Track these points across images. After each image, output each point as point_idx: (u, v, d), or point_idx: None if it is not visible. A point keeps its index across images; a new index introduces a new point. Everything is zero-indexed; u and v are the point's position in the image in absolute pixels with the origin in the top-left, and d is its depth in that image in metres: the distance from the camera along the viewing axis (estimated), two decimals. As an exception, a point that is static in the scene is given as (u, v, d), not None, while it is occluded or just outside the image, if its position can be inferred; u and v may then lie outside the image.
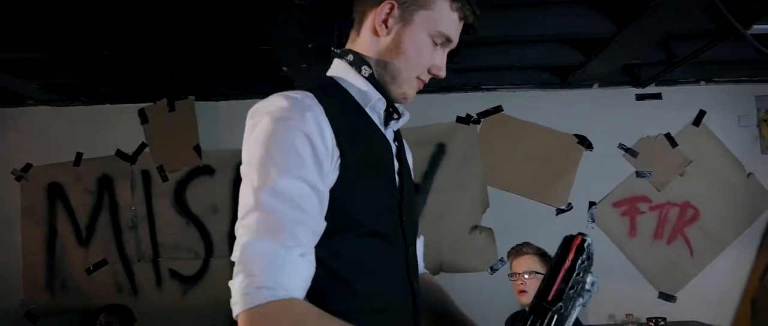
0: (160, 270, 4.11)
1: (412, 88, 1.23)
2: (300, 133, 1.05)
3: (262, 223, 0.99)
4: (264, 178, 1.02)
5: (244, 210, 1.02)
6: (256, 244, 0.98)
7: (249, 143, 1.09)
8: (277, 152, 1.04)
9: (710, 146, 4.17)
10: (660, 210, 4.16)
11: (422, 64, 1.21)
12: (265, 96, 4.06)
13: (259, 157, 1.05)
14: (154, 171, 4.16)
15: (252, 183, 1.03)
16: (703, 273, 4.11)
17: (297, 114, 1.07)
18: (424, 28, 1.20)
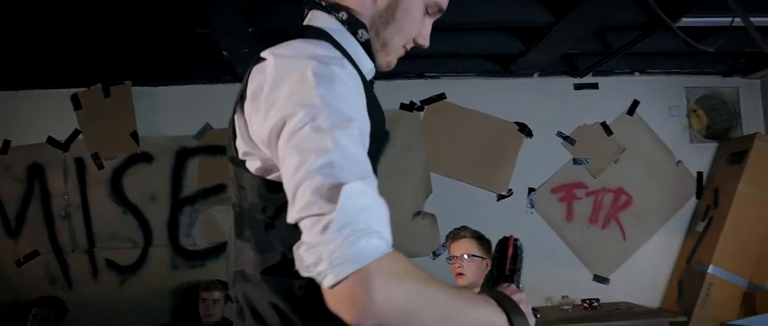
0: (96, 261, 3.98)
1: (396, 56, 1.17)
2: (353, 75, 0.93)
3: (348, 167, 0.82)
4: (335, 120, 0.85)
5: (318, 154, 0.82)
6: (351, 193, 0.78)
7: (289, 84, 0.89)
8: (342, 92, 0.88)
9: (643, 135, 4.34)
10: (595, 196, 4.31)
11: (412, 33, 1.15)
12: (205, 81, 3.96)
13: (319, 98, 0.86)
14: (89, 159, 4.01)
15: (319, 124, 0.84)
16: (634, 257, 4.29)
17: (332, 52, 0.95)
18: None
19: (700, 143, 4.37)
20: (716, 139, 4.38)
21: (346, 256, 0.76)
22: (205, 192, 4.05)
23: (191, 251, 4.05)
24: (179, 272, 4.02)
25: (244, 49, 3.31)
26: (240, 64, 3.65)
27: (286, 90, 0.88)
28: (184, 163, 4.07)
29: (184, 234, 4.05)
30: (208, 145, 4.09)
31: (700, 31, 3.46)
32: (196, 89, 4.09)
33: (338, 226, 0.77)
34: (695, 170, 4.35)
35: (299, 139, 0.84)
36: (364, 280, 0.76)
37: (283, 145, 0.86)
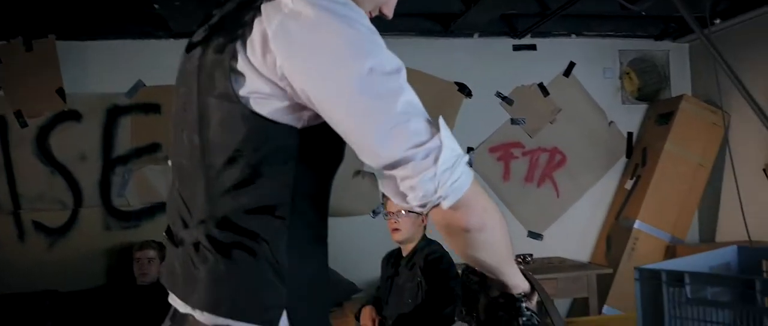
0: (23, 223, 3.82)
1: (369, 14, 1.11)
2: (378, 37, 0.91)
3: (419, 104, 0.90)
4: (393, 65, 0.89)
5: (397, 97, 0.88)
6: (443, 124, 0.90)
7: (336, 33, 0.88)
8: (378, 38, 0.90)
9: (578, 96, 4.46)
10: (531, 155, 4.43)
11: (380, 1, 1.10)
12: (136, 37, 3.78)
13: (373, 45, 0.89)
14: (11, 116, 3.80)
15: (385, 69, 0.88)
16: (567, 213, 4.46)
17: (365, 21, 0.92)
18: None
19: (632, 104, 4.53)
20: (646, 101, 4.54)
21: (461, 181, 0.90)
22: (139, 152, 3.92)
23: (125, 212, 3.93)
24: (112, 233, 3.91)
25: (177, 2, 3.16)
26: (173, 18, 3.49)
27: (334, 39, 0.88)
28: (116, 122, 3.91)
29: (117, 195, 3.93)
30: (140, 102, 3.94)
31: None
32: (127, 44, 3.91)
33: (447, 156, 0.88)
34: (626, 131, 4.51)
35: (372, 86, 0.87)
36: (475, 195, 0.94)
37: (350, 94, 0.87)
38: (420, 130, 0.88)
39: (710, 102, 4.24)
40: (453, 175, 0.89)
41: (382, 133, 0.88)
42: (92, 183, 3.89)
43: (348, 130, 0.91)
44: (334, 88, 0.88)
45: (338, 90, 0.88)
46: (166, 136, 4.14)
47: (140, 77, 3.92)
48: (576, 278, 3.83)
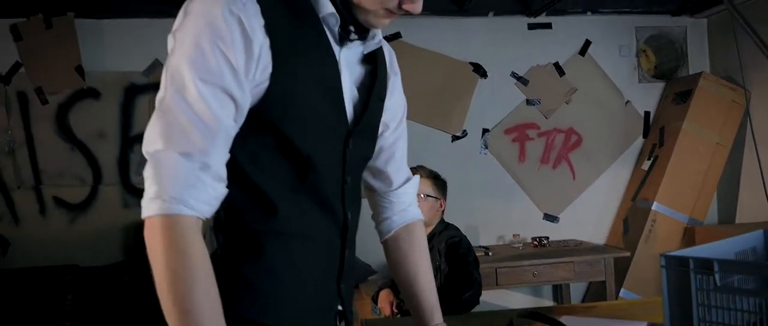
0: (44, 198, 3.90)
1: (378, 18, 1.08)
2: (224, 35, 0.95)
3: (170, 129, 0.93)
4: (176, 78, 0.95)
5: (157, 106, 0.97)
6: (160, 155, 0.93)
7: (173, 31, 1.00)
8: (195, 52, 0.95)
9: (594, 75, 4.42)
10: (547, 136, 4.40)
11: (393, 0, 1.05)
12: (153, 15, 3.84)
13: (175, 53, 0.97)
14: (32, 93, 3.88)
15: (165, 79, 0.97)
16: (583, 195, 4.42)
17: (226, 12, 0.95)
18: None
19: (648, 83, 4.48)
20: (663, 79, 4.48)
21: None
22: (157, 130, 3.97)
23: (143, 190, 3.98)
24: (131, 211, 3.98)
25: (192, -22, 3.20)
26: (189, -5, 3.53)
27: (171, 40, 0.99)
28: (133, 100, 3.97)
29: (135, 173, 3.99)
30: (158, 82, 3.97)
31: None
32: (145, 23, 3.96)
33: (145, 177, 0.95)
34: (643, 110, 4.46)
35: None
36: (145, 226, 0.94)
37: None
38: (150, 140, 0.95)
39: (730, 79, 4.17)
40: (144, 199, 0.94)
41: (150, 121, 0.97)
42: (111, 161, 3.96)
43: None
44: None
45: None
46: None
47: (157, 56, 3.97)
48: (593, 261, 3.80)
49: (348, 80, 1.13)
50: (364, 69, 1.17)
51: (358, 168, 1.21)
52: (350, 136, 1.13)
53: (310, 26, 1.06)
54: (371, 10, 1.06)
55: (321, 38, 1.07)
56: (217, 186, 0.96)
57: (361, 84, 1.16)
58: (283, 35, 1.01)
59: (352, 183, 1.18)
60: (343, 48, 1.11)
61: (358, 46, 1.14)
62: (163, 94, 0.96)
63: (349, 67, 1.13)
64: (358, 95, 1.15)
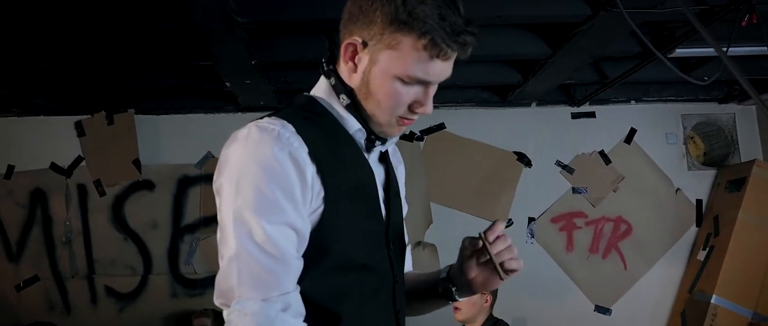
0: (96, 287, 3.99)
1: (393, 128, 1.14)
2: (279, 172, 1.00)
3: (247, 276, 0.97)
4: (242, 225, 0.99)
5: (226, 255, 1.00)
6: (243, 304, 0.96)
7: (223, 176, 1.03)
8: (255, 194, 0.99)
9: (641, 163, 4.36)
10: (595, 225, 4.31)
11: (397, 106, 1.09)
12: (207, 111, 4.01)
13: (233, 199, 1.00)
14: (91, 186, 4.05)
15: (230, 225, 1.00)
16: (635, 286, 4.27)
17: (276, 150, 1.01)
18: (391, 70, 1.07)
19: (698, 170, 4.39)
20: (714, 166, 4.39)
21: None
22: (207, 221, 4.07)
23: (191, 279, 4.05)
24: (178, 300, 4.02)
25: (247, 81, 3.36)
26: (242, 94, 3.71)
27: (220, 173, 1.05)
28: (186, 191, 4.10)
29: (184, 263, 4.06)
30: (209, 173, 4.12)
31: (695, 60, 3.52)
32: (199, 118, 4.14)
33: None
34: (694, 198, 4.35)
35: (219, 227, 1.03)
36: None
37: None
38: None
39: (785, 166, 4.06)
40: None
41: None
42: (162, 251, 4.05)
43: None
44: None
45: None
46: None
47: (209, 149, 4.12)
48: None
49: (378, 186, 1.19)
50: (382, 168, 1.24)
51: (400, 268, 1.24)
52: (387, 235, 1.18)
53: (346, 144, 1.13)
54: (384, 122, 1.12)
55: (357, 153, 1.15)
56: (299, 323, 1.00)
57: (383, 184, 1.22)
58: (327, 158, 1.06)
59: (400, 282, 1.22)
60: (371, 153, 1.19)
61: (381, 146, 1.21)
62: (232, 242, 0.99)
63: (376, 172, 1.19)
64: (384, 195, 1.21)
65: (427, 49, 1.04)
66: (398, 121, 1.12)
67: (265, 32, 2.91)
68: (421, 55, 1.05)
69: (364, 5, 1.08)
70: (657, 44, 2.96)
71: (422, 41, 1.04)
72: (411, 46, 1.05)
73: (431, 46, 1.04)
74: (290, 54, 3.09)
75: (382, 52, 1.07)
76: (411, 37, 1.04)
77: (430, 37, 1.03)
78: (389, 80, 1.08)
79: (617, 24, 2.58)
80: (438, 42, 1.03)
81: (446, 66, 1.08)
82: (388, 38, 1.06)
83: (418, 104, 1.10)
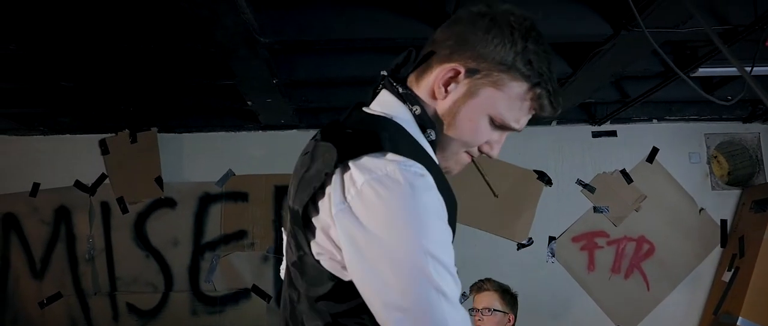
0: (117, 304, 4.02)
1: (457, 164, 1.10)
2: (442, 220, 0.95)
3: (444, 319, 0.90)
4: (430, 277, 0.90)
5: (410, 312, 0.89)
6: None
7: (378, 222, 0.92)
8: (444, 238, 0.94)
9: (663, 182, 4.31)
10: (617, 244, 4.26)
11: (473, 143, 1.07)
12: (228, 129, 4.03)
13: (427, 243, 0.91)
14: (114, 203, 4.10)
15: (412, 275, 0.90)
16: (659, 307, 4.20)
17: (433, 195, 0.94)
18: (487, 108, 1.04)
19: (723, 190, 4.32)
20: (738, 186, 4.32)
21: None
22: (227, 238, 4.10)
23: (211, 297, 4.07)
24: (199, 318, 4.04)
25: (268, 99, 3.40)
26: (263, 112, 3.74)
27: (391, 231, 0.91)
28: (207, 209, 4.13)
29: (205, 280, 4.08)
30: (230, 191, 4.15)
31: (718, 79, 3.48)
32: (220, 136, 4.19)
33: None
34: (719, 218, 4.28)
35: (382, 273, 0.91)
36: None
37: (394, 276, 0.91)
38: None
39: (812, 187, 3.98)
40: None
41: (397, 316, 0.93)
42: (183, 268, 4.07)
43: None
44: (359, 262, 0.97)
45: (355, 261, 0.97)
46: (253, 223, 4.33)
47: (231, 167, 4.16)
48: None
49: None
50: None
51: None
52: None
53: (445, 181, 1.05)
54: (453, 155, 1.08)
55: (448, 188, 1.05)
56: None
57: None
58: (445, 198, 0.99)
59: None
60: None
61: None
62: (417, 296, 0.90)
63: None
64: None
65: (532, 101, 1.04)
66: (465, 156, 1.10)
67: (286, 52, 2.95)
68: (523, 105, 1.05)
69: (480, 35, 1.03)
70: (679, 63, 2.95)
71: (532, 93, 1.03)
72: (518, 94, 1.04)
73: (537, 100, 1.04)
74: (311, 73, 3.12)
75: (484, 87, 1.03)
76: (523, 86, 1.03)
77: (540, 93, 1.03)
78: (481, 117, 1.05)
79: (639, 43, 2.56)
80: (545, 100, 1.04)
81: (529, 118, 1.08)
82: (497, 77, 1.03)
83: (489, 146, 1.09)
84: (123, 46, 2.65)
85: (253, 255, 4.08)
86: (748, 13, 2.45)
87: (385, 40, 2.62)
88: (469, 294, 2.99)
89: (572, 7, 2.54)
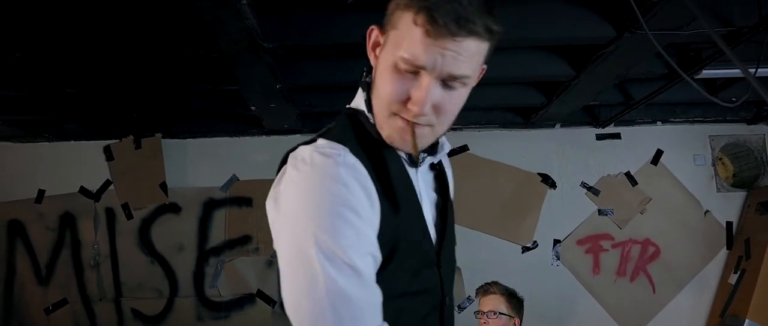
0: (123, 310, 4.03)
1: (395, 130, 1.02)
2: (355, 201, 0.95)
3: (338, 311, 0.92)
4: (327, 254, 0.92)
5: (308, 287, 0.93)
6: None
7: (289, 204, 0.98)
8: (336, 224, 0.93)
9: (668, 184, 4.30)
10: (622, 247, 4.25)
11: (390, 99, 0.99)
12: (232, 134, 4.06)
13: (312, 227, 0.94)
14: (119, 209, 4.11)
15: (306, 256, 0.93)
16: (665, 310, 4.18)
17: (347, 178, 0.96)
18: (389, 55, 0.99)
19: (728, 192, 4.30)
20: (744, 188, 4.31)
21: None
22: (231, 243, 4.10)
23: (216, 302, 4.07)
24: (204, 323, 4.04)
25: (272, 104, 3.40)
26: (267, 117, 3.75)
27: (284, 206, 1.00)
28: (211, 214, 4.14)
29: (209, 286, 4.08)
30: (234, 196, 4.16)
31: (722, 81, 3.48)
32: (224, 141, 4.20)
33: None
34: (724, 220, 4.26)
35: (288, 255, 0.99)
36: None
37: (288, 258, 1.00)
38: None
39: (818, 189, 3.97)
40: None
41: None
42: (187, 274, 4.08)
43: None
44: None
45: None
46: (258, 228, 4.31)
47: (235, 172, 4.16)
48: (679, 381, 3.54)
49: (427, 202, 1.13)
50: (435, 183, 1.18)
51: (450, 288, 1.19)
52: (439, 255, 1.13)
53: (393, 161, 1.06)
54: (383, 121, 1.03)
55: (402, 170, 1.08)
56: None
57: (436, 202, 1.17)
58: (380, 180, 1.01)
59: (450, 303, 1.18)
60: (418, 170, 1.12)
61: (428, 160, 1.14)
62: (312, 275, 0.93)
63: (425, 187, 1.14)
64: (436, 214, 1.16)
65: (421, 25, 0.93)
66: (399, 119, 1.00)
67: (289, 56, 2.95)
68: (414, 31, 0.94)
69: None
70: (683, 65, 2.94)
71: (417, 16, 0.94)
72: (407, 24, 0.95)
73: (423, 16, 0.93)
74: (314, 78, 3.13)
75: (389, 34, 1.00)
76: (408, 14, 0.95)
77: (421, 7, 0.93)
78: (387, 68, 0.99)
79: (642, 45, 2.56)
80: (428, 12, 0.92)
81: (444, 52, 0.94)
82: (396, 17, 0.98)
83: (411, 101, 0.98)
84: (127, 52, 2.66)
85: (257, 260, 4.08)
86: (752, 14, 2.45)
87: (388, 44, 2.62)
88: (475, 297, 2.99)
89: (575, 10, 2.54)
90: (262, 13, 2.41)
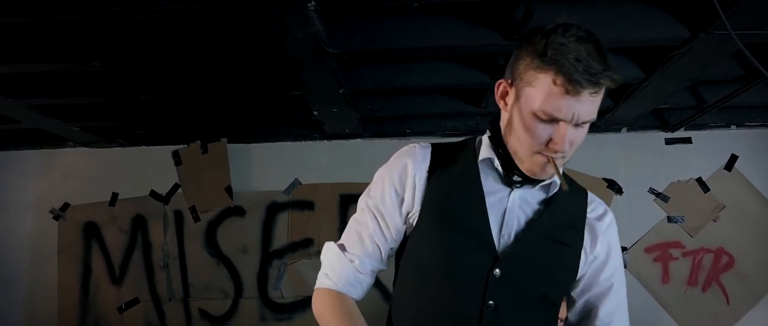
0: (191, 310, 4.16)
1: (536, 165, 1.22)
2: (392, 174, 1.34)
3: (345, 229, 1.40)
4: (362, 198, 1.38)
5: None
6: (330, 244, 1.40)
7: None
8: (375, 182, 1.37)
9: (744, 191, 4.10)
10: (693, 256, 4.08)
11: (533, 142, 1.18)
12: (295, 139, 4.13)
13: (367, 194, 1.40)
14: (187, 212, 4.25)
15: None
16: (740, 323, 3.99)
17: (399, 158, 1.36)
18: (529, 106, 1.17)
19: (809, 200, 4.07)
20: (828, 196, 4.07)
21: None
22: (294, 246, 4.17)
23: (279, 304, 4.14)
24: (267, 324, 4.12)
25: (334, 109, 3.45)
26: (329, 122, 3.80)
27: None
28: (274, 217, 4.22)
29: (273, 288, 4.16)
30: (296, 200, 4.23)
31: (804, 83, 3.29)
32: (287, 146, 4.28)
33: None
34: (805, 229, 4.04)
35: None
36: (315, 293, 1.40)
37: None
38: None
39: None
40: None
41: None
42: (252, 275, 4.17)
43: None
44: None
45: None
46: (319, 231, 4.35)
47: (297, 176, 4.23)
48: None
49: (516, 214, 1.29)
50: (533, 206, 1.32)
51: (512, 297, 1.26)
52: (497, 262, 1.25)
53: (468, 176, 1.31)
54: (525, 158, 1.22)
55: (470, 176, 1.30)
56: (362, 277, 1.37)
57: (532, 221, 1.30)
58: (440, 180, 1.31)
59: (502, 310, 1.25)
60: (519, 189, 1.30)
61: (539, 191, 1.31)
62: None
63: (522, 205, 1.30)
64: (523, 228, 1.29)
65: (561, 85, 1.12)
66: (541, 156, 1.19)
67: (353, 61, 2.98)
68: (554, 89, 1.13)
69: (517, 51, 1.22)
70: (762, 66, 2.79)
71: (557, 76, 1.12)
72: (547, 82, 1.14)
73: (563, 77, 1.12)
74: (376, 82, 3.15)
75: (524, 89, 1.19)
76: (548, 74, 1.14)
77: (561, 70, 1.11)
78: (527, 116, 1.18)
79: (718, 46, 2.46)
80: (568, 74, 1.11)
81: (578, 105, 1.13)
82: (531, 76, 1.17)
83: (553, 143, 1.17)
84: (198, 60, 2.75)
85: (319, 263, 4.11)
86: (840, 11, 2.31)
87: (451, 47, 2.62)
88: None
89: (646, 10, 2.46)
90: (328, 19, 2.45)
